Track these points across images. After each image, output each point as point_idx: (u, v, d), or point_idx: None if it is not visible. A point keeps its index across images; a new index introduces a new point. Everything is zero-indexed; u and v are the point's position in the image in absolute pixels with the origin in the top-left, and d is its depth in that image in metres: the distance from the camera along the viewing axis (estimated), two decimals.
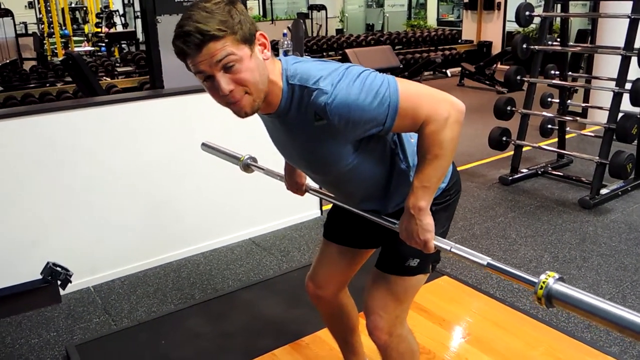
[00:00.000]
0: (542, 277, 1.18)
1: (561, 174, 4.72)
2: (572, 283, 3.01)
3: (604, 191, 4.10)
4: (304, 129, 1.36)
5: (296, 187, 1.89)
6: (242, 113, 1.32)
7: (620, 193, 4.17)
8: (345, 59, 5.50)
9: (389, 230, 1.52)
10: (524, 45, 4.40)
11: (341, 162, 1.42)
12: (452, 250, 1.36)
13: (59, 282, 1.75)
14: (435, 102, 1.32)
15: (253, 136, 2.31)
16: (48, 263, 1.75)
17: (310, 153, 1.44)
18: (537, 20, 4.77)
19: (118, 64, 8.46)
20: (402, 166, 1.52)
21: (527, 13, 4.34)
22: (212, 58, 1.22)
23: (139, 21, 15.33)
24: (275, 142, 1.55)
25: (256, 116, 1.42)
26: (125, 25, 13.50)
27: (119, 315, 2.84)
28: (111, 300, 2.97)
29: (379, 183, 1.54)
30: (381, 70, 1.38)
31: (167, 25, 3.32)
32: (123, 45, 11.58)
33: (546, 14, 4.45)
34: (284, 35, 3.54)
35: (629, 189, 4.24)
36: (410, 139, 1.53)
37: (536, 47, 4.40)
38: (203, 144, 2.29)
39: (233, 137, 3.46)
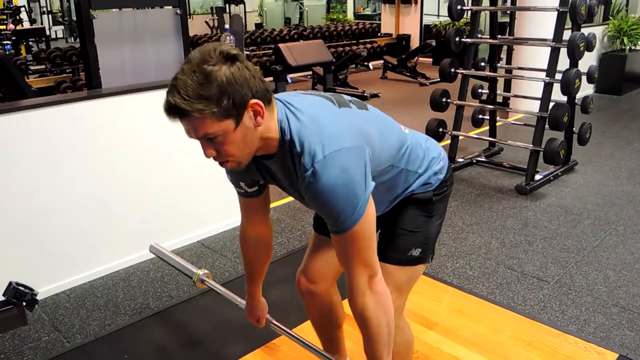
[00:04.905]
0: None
1: (495, 161, 4.91)
2: (522, 267, 3.14)
3: (537, 177, 4.29)
4: (291, 177, 1.35)
5: (256, 319, 1.90)
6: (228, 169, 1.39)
7: (552, 178, 4.39)
8: (278, 54, 5.44)
9: (385, 220, 1.50)
10: (457, 39, 4.52)
11: None
12: None
13: (24, 304, 1.60)
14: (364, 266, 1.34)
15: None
16: (11, 283, 1.60)
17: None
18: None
19: (30, 62, 7.92)
20: (399, 171, 1.52)
21: (459, 7, 4.46)
22: (194, 130, 1.20)
23: (45, 17, 14.54)
24: (270, 179, 1.50)
25: None
26: (32, 21, 12.68)
27: (70, 331, 2.66)
28: (59, 315, 2.78)
29: (384, 199, 1.54)
30: (315, 65, 1.38)
31: (103, 20, 3.14)
32: (30, 43, 10.90)
33: (477, 7, 4.60)
34: (227, 30, 3.45)
35: (559, 173, 4.47)
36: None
37: (469, 40, 4.53)
38: (151, 246, 2.09)
39: (179, 138, 3.35)
